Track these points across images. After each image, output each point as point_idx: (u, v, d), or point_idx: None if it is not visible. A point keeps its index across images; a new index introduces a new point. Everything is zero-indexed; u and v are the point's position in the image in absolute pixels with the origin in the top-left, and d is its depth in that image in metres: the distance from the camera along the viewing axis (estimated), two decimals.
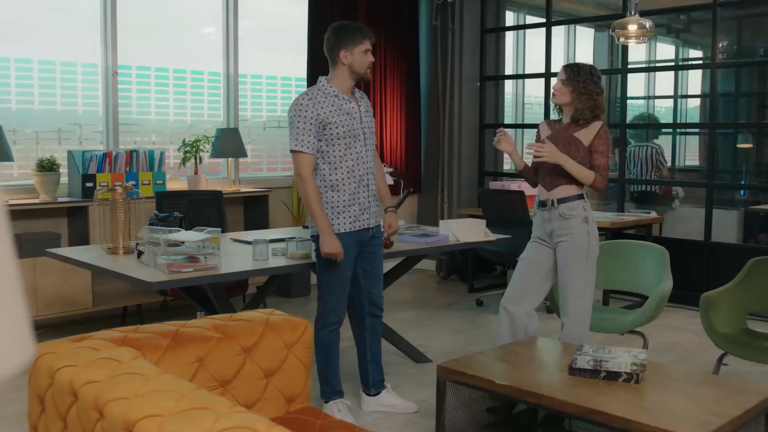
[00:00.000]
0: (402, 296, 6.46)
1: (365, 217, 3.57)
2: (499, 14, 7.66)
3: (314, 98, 3.42)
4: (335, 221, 3.49)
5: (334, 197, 3.49)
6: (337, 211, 3.50)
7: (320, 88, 3.47)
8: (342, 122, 3.43)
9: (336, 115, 3.42)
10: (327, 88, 3.47)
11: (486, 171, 7.58)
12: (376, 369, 3.84)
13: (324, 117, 3.40)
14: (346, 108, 3.46)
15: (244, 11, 6.42)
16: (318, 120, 3.39)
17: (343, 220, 3.51)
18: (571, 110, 3.66)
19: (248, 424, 1.48)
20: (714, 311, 3.80)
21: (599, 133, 3.58)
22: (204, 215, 5.23)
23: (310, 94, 3.45)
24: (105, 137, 5.75)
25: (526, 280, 3.76)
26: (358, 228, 3.54)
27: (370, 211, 3.59)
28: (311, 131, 3.39)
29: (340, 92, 3.47)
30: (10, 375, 0.66)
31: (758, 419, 2.78)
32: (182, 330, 2.37)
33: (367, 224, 3.59)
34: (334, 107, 3.43)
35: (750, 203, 7.74)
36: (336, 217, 3.50)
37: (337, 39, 3.47)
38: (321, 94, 3.44)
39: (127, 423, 1.58)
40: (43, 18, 5.44)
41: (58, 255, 3.91)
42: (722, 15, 6.66)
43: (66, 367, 1.91)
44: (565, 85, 3.63)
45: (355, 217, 3.52)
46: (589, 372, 2.94)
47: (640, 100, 9.69)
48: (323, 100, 3.43)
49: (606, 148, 3.59)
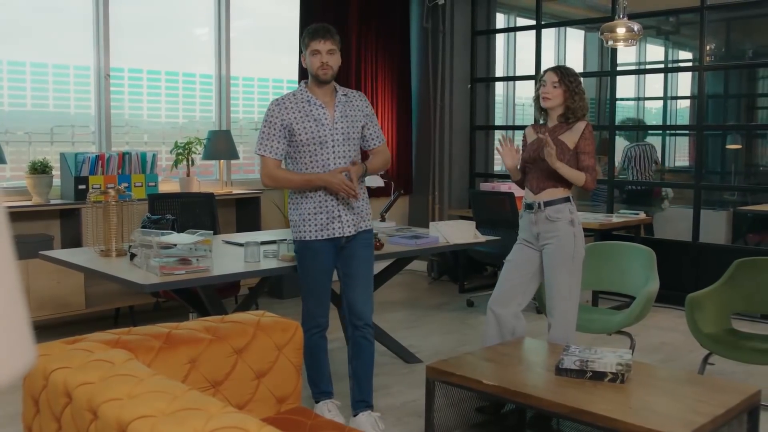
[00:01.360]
0: (393, 297, 6.51)
1: (335, 226, 3.49)
2: (489, 16, 7.72)
3: (282, 104, 3.45)
4: (302, 227, 3.49)
5: (302, 203, 3.48)
6: (303, 218, 3.48)
7: (295, 93, 3.50)
8: (307, 129, 3.41)
9: (302, 121, 3.41)
10: (302, 93, 3.48)
11: (477, 172, 7.63)
12: (358, 387, 3.63)
13: (288, 123, 3.41)
14: (315, 114, 3.43)
15: (236, 12, 6.45)
16: (283, 126, 3.41)
17: (310, 227, 3.48)
18: (559, 112, 3.71)
19: (239, 424, 1.52)
20: (699, 312, 3.86)
21: (584, 134, 3.64)
22: (196, 217, 5.26)
23: (280, 100, 3.48)
24: (98, 139, 5.78)
25: (513, 282, 3.81)
26: (326, 237, 3.48)
27: (341, 219, 3.49)
28: (276, 136, 3.41)
29: (314, 97, 3.46)
30: (12, 379, 0.69)
31: (740, 417, 2.84)
32: (174, 332, 2.40)
33: (340, 233, 3.49)
34: (301, 113, 3.42)
35: (739, 204, 7.82)
36: (303, 224, 3.49)
37: (301, 43, 3.56)
38: (292, 100, 3.46)
39: (120, 424, 1.61)
40: (35, 20, 5.46)
41: (52, 257, 3.94)
42: (712, 17, 6.74)
43: (60, 369, 1.94)
44: (558, 87, 3.68)
45: (322, 225, 3.48)
46: (575, 372, 2.99)
47: (631, 101, 9.77)
48: (292, 106, 3.44)
49: (592, 149, 3.65)
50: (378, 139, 3.65)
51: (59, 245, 5.24)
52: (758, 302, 4.08)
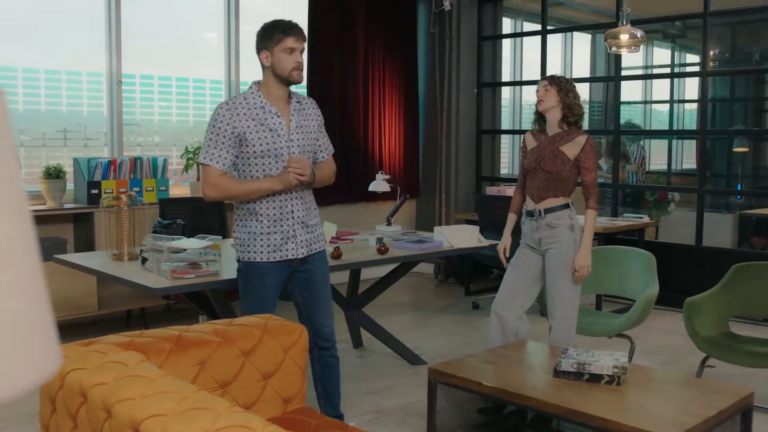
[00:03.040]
0: (400, 299, 6.60)
1: (290, 247, 3.18)
2: (496, 21, 7.80)
3: (234, 109, 3.07)
4: (251, 248, 3.16)
5: (252, 223, 3.15)
6: (253, 237, 3.15)
7: (246, 97, 3.11)
8: (260, 140, 3.07)
9: (255, 131, 3.06)
10: (254, 97, 3.11)
11: (483, 176, 7.71)
12: (331, 405, 3.44)
13: (241, 131, 3.05)
14: (270, 123, 3.09)
15: (246, 17, 6.55)
16: (234, 134, 3.05)
17: (260, 248, 3.15)
18: (557, 115, 3.78)
19: (245, 423, 1.61)
20: (697, 315, 3.94)
21: (585, 148, 3.71)
22: (206, 221, 5.37)
23: (231, 104, 3.09)
24: (110, 143, 5.89)
25: (516, 285, 3.90)
26: (278, 259, 3.17)
27: (296, 240, 3.19)
28: (225, 144, 3.05)
29: (267, 103, 3.10)
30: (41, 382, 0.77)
31: (734, 419, 2.92)
32: (184, 335, 2.50)
33: (294, 254, 3.19)
34: (254, 121, 3.07)
35: (746, 207, 7.87)
36: (252, 244, 3.15)
37: (258, 39, 3.14)
38: (243, 105, 3.08)
39: (133, 422, 1.70)
40: (48, 27, 5.58)
41: (66, 261, 4.05)
42: (718, 21, 6.79)
43: (76, 370, 2.03)
44: (549, 89, 3.76)
45: (275, 246, 3.16)
46: (572, 374, 3.08)
47: (638, 105, 9.82)
48: (244, 113, 3.07)
49: (593, 163, 3.74)
50: (327, 151, 3.36)
51: (72, 248, 5.36)
52: (756, 306, 4.16)
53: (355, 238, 4.78)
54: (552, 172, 3.71)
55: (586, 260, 3.70)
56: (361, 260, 4.20)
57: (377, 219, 6.43)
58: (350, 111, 7.10)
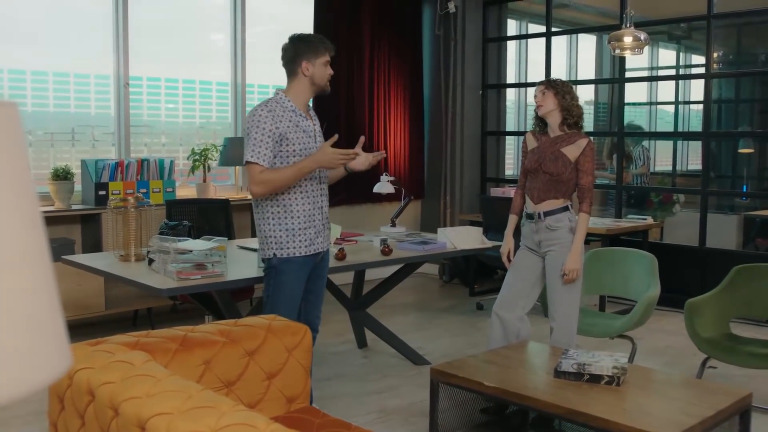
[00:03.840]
0: (404, 300, 6.64)
1: (320, 241, 3.45)
2: (501, 23, 7.83)
3: (273, 110, 3.28)
4: (289, 245, 3.34)
5: (289, 220, 3.34)
6: (292, 234, 3.34)
7: (278, 101, 3.33)
8: (298, 140, 3.31)
9: (293, 131, 3.30)
10: (284, 101, 3.33)
11: (488, 177, 7.75)
12: None
13: (282, 131, 3.27)
14: (303, 125, 3.34)
15: (252, 19, 6.60)
16: (276, 134, 3.25)
17: (299, 243, 3.35)
18: (557, 118, 3.81)
19: (249, 421, 1.66)
20: (698, 316, 3.97)
21: (585, 151, 3.75)
22: (212, 222, 5.42)
23: (269, 106, 3.29)
24: (117, 144, 5.95)
25: (517, 286, 3.93)
26: (312, 252, 3.41)
27: (323, 234, 3.47)
28: (268, 144, 3.24)
29: (296, 108, 3.35)
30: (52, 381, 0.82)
31: (732, 420, 2.95)
32: (190, 335, 2.55)
33: (321, 248, 3.47)
34: (291, 123, 3.30)
35: (751, 208, 7.87)
36: (291, 240, 3.34)
37: (297, 50, 3.35)
38: (279, 108, 3.30)
39: (139, 420, 1.75)
40: (56, 30, 5.65)
41: (73, 262, 4.11)
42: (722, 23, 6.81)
43: (84, 369, 2.08)
44: (546, 93, 3.79)
45: (310, 240, 3.39)
46: (573, 375, 3.12)
47: (644, 106, 9.84)
48: (282, 114, 3.29)
49: (592, 167, 3.77)
50: None
51: (80, 249, 5.42)
52: (757, 308, 4.19)
53: (359, 239, 4.82)
54: (553, 173, 3.75)
55: (575, 264, 3.72)
56: (365, 261, 4.25)
57: (382, 220, 6.47)
58: (355, 112, 7.14)
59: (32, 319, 0.78)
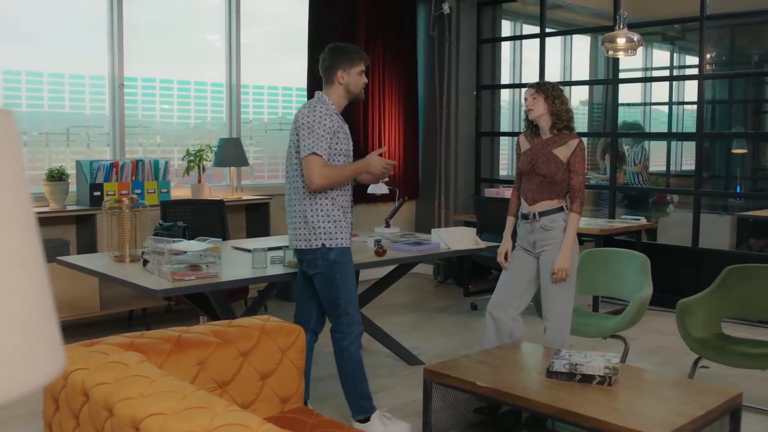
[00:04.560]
0: (399, 300, 6.66)
1: (350, 234, 3.64)
2: (495, 24, 7.85)
3: (327, 110, 3.46)
4: (339, 236, 3.51)
5: (335, 212, 3.51)
6: (338, 225, 3.51)
7: (322, 104, 3.50)
8: (343, 140, 3.51)
9: (341, 131, 3.50)
10: (328, 105, 3.51)
11: (482, 178, 7.77)
12: None
13: (335, 129, 3.46)
14: (345, 128, 3.55)
15: (247, 20, 6.61)
16: (332, 132, 3.43)
17: (344, 233, 3.53)
18: (547, 121, 3.83)
19: (242, 421, 1.67)
20: (689, 317, 4.00)
21: (576, 152, 3.77)
22: (206, 223, 5.43)
23: (326, 106, 3.48)
24: (112, 144, 5.96)
25: (511, 287, 3.96)
26: (349, 245, 3.61)
27: (351, 228, 3.66)
28: (326, 139, 3.41)
29: (337, 111, 3.55)
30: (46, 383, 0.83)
31: (723, 419, 2.98)
32: (184, 336, 2.57)
33: (350, 243, 3.65)
34: (338, 124, 3.50)
35: (744, 209, 7.91)
36: (340, 232, 3.52)
37: (335, 59, 3.54)
38: (328, 109, 3.49)
39: (134, 421, 1.77)
40: (51, 30, 5.65)
41: (68, 263, 4.12)
42: (715, 24, 6.84)
43: (78, 370, 2.10)
44: (537, 97, 3.81)
45: (348, 231, 3.59)
46: (565, 375, 3.14)
47: (638, 106, 9.88)
48: (332, 115, 3.48)
49: (582, 167, 3.79)
50: None
51: (75, 250, 5.42)
52: (749, 308, 4.21)
53: (353, 240, 4.82)
54: (546, 175, 3.77)
55: (564, 263, 3.74)
56: (359, 262, 4.26)
57: (376, 221, 6.49)
58: (350, 112, 7.15)
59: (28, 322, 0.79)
